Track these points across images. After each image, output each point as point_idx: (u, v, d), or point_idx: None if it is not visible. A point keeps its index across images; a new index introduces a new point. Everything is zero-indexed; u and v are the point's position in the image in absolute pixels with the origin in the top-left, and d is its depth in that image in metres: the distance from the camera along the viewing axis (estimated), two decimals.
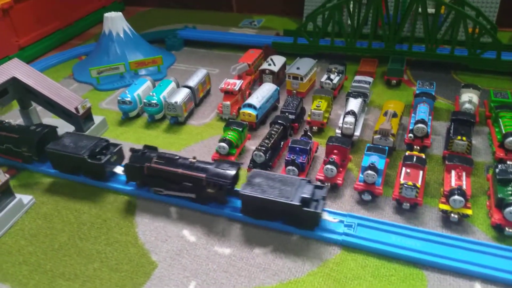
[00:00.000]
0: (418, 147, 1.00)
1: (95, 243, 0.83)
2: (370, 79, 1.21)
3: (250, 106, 1.12)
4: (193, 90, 1.22)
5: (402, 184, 0.83)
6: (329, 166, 0.89)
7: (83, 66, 1.51)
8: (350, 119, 1.02)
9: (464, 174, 0.85)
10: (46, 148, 0.96)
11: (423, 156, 0.89)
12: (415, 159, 0.87)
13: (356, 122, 1.03)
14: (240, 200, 0.84)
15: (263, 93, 1.16)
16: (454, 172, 0.86)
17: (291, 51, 1.48)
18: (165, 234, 0.85)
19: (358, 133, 1.04)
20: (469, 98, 1.08)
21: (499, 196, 0.80)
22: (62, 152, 0.95)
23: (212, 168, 0.86)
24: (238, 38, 1.65)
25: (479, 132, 1.08)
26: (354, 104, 1.07)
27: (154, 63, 1.43)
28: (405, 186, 0.83)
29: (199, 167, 0.86)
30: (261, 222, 0.84)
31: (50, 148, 0.96)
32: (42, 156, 1.01)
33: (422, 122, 0.98)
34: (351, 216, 0.83)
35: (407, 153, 0.91)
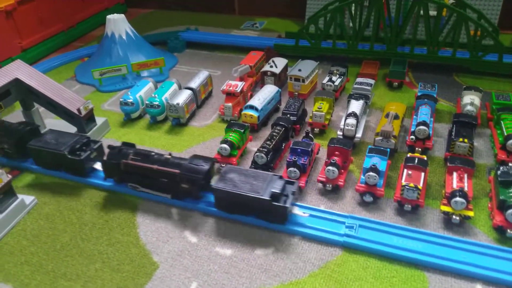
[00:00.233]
0: (420, 149, 1.00)
1: (97, 244, 0.84)
2: (371, 81, 1.21)
3: (252, 107, 1.12)
4: (195, 91, 1.22)
5: (404, 185, 0.83)
6: (330, 168, 0.89)
7: (86, 67, 1.51)
8: (352, 121, 1.02)
9: (465, 176, 0.85)
10: (28, 145, 0.99)
11: (425, 158, 0.89)
12: (417, 161, 0.87)
13: (357, 124, 1.03)
14: (213, 195, 0.86)
15: (265, 94, 1.16)
16: (455, 174, 0.86)
17: (293, 53, 1.48)
18: (166, 234, 0.85)
19: (359, 134, 1.04)
20: (471, 100, 1.08)
21: (501, 198, 0.80)
22: (43, 148, 0.97)
23: (186, 163, 0.87)
24: (240, 40, 1.65)
25: (481, 134, 1.08)
26: (356, 106, 1.08)
27: (156, 65, 1.44)
28: (406, 187, 0.83)
29: (174, 163, 0.88)
30: (234, 216, 0.86)
31: (32, 145, 0.98)
32: (24, 153, 1.02)
33: (423, 124, 0.98)
34: (353, 217, 0.83)
35: (409, 155, 0.91)
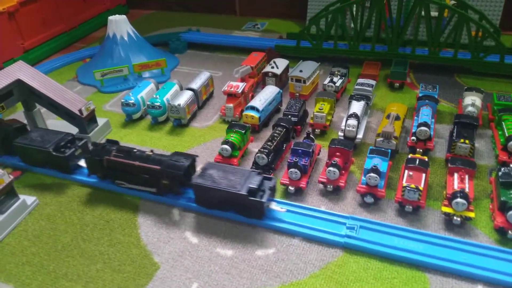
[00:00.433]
0: (421, 150, 1.00)
1: (98, 244, 0.84)
2: (373, 82, 1.21)
3: (253, 108, 1.12)
4: (196, 92, 1.22)
5: (405, 186, 0.83)
6: (331, 169, 0.89)
7: (87, 68, 1.52)
8: (353, 122, 1.02)
9: (467, 177, 0.85)
10: (14, 142, 1.00)
11: (426, 159, 0.89)
12: (418, 162, 0.87)
13: (358, 124, 1.03)
14: (192, 190, 0.87)
15: (266, 95, 1.16)
16: (457, 175, 0.86)
17: (294, 54, 1.48)
18: (167, 235, 0.85)
19: (360, 135, 1.04)
20: (472, 101, 1.08)
21: (502, 199, 0.79)
22: (29, 146, 0.99)
23: (167, 160, 0.89)
24: (241, 41, 1.65)
25: (482, 135, 1.08)
26: (357, 107, 1.08)
27: (157, 66, 1.44)
28: (407, 188, 0.83)
29: (155, 159, 0.89)
30: (214, 212, 0.88)
31: (18, 142, 1.00)
32: (10, 150, 1.04)
33: (425, 125, 0.98)
34: (354, 218, 0.83)
35: (410, 155, 0.91)
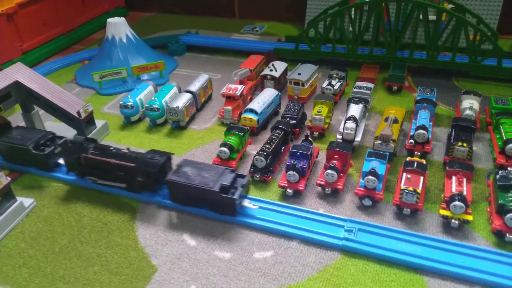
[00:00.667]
0: (419, 153, 1.00)
1: (96, 247, 0.84)
2: (371, 85, 1.21)
3: (252, 111, 1.12)
4: (194, 95, 1.23)
5: (403, 189, 0.83)
6: (329, 171, 0.89)
7: (86, 70, 1.52)
8: (351, 125, 1.02)
9: (464, 180, 0.86)
10: None
11: (424, 162, 0.89)
12: (416, 165, 0.87)
13: (357, 127, 1.03)
14: (167, 187, 0.89)
15: (265, 98, 1.17)
16: (454, 178, 0.86)
17: (293, 57, 1.49)
18: (165, 238, 0.85)
19: (359, 138, 1.04)
20: (470, 104, 1.09)
21: (500, 202, 0.80)
22: (9, 143, 1.00)
23: (142, 157, 0.90)
24: (240, 44, 1.65)
25: (480, 138, 1.09)
26: (355, 109, 1.08)
27: (156, 68, 1.44)
28: (405, 191, 0.83)
29: (131, 157, 0.91)
30: (189, 208, 0.89)
31: None
32: None
33: (423, 128, 0.98)
34: (352, 221, 0.83)
35: (408, 158, 0.91)
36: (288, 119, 1.09)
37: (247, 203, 0.89)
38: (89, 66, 1.54)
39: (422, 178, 0.86)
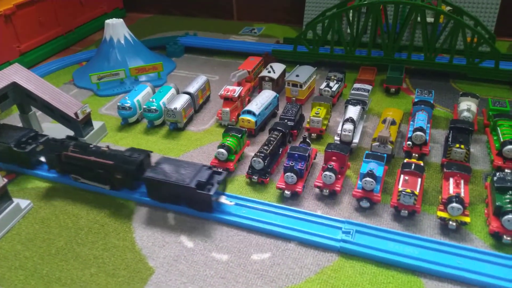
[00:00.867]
0: (417, 155, 1.00)
1: (92, 248, 0.83)
2: (369, 87, 1.21)
3: (250, 112, 1.12)
4: (192, 96, 1.22)
5: (401, 191, 0.83)
6: (327, 173, 0.89)
7: (84, 71, 1.51)
8: (349, 126, 1.02)
9: (462, 182, 0.86)
10: None
11: (422, 163, 0.89)
12: (414, 167, 0.87)
13: (354, 129, 1.03)
14: (144, 184, 0.90)
15: (263, 100, 1.17)
16: (452, 179, 0.86)
17: (291, 59, 1.49)
18: (162, 239, 0.84)
19: (356, 140, 1.04)
20: (467, 106, 1.09)
21: (497, 204, 0.80)
22: None
23: (121, 155, 0.92)
24: (238, 45, 1.65)
25: (478, 140, 1.09)
26: (353, 111, 1.08)
27: (154, 70, 1.44)
28: (403, 193, 0.83)
29: (110, 155, 0.92)
30: (167, 205, 0.90)
31: None
32: None
33: (420, 130, 0.98)
34: (349, 223, 0.83)
35: (406, 160, 0.91)
36: (286, 121, 1.09)
37: (224, 200, 0.89)
38: (87, 67, 1.54)
39: (419, 179, 0.86)
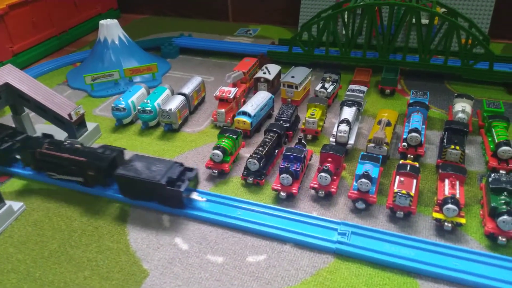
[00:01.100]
0: (412, 156, 1.00)
1: (86, 251, 0.82)
2: (364, 88, 1.21)
3: (245, 113, 1.12)
4: (187, 97, 1.22)
5: (396, 192, 0.83)
6: (323, 174, 0.88)
7: (78, 72, 1.50)
8: (344, 128, 1.02)
9: (457, 183, 0.86)
10: None
11: (417, 164, 0.89)
12: (409, 168, 0.88)
13: (350, 130, 1.03)
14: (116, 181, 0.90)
15: (258, 101, 1.16)
16: (447, 181, 0.86)
17: (286, 60, 1.49)
18: (157, 242, 0.84)
19: (352, 141, 1.04)
20: (462, 107, 1.09)
21: (492, 205, 0.80)
22: None
23: (94, 152, 0.93)
24: (234, 46, 1.65)
25: (472, 141, 1.09)
26: (348, 112, 1.08)
27: (149, 71, 1.43)
28: (398, 194, 0.83)
29: (84, 152, 0.93)
30: (139, 202, 0.91)
31: None
32: None
33: (415, 131, 0.98)
34: (345, 224, 0.83)
35: (401, 161, 0.91)
36: (281, 122, 1.09)
37: (196, 196, 0.89)
38: (81, 68, 1.53)
39: (415, 181, 0.86)
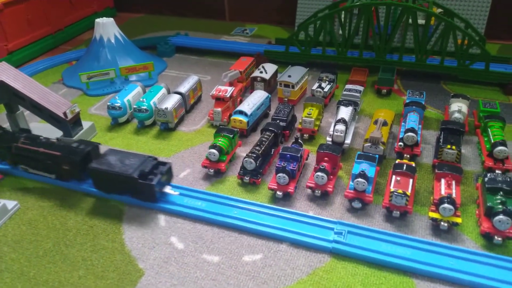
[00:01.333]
0: (408, 156, 1.00)
1: (81, 250, 0.82)
2: (360, 88, 1.21)
3: (241, 113, 1.11)
4: (184, 96, 1.21)
5: (392, 192, 0.83)
6: (319, 174, 0.88)
7: (73, 71, 1.49)
8: (341, 127, 1.02)
9: (453, 182, 0.86)
10: None
11: (413, 164, 0.89)
12: (405, 167, 0.88)
13: (346, 130, 1.03)
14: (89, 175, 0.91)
15: (255, 100, 1.16)
16: (443, 180, 0.86)
17: (283, 59, 1.48)
18: (152, 241, 0.83)
19: (348, 141, 1.04)
20: (458, 107, 1.09)
21: (488, 204, 0.80)
22: None
23: (68, 146, 0.94)
24: (230, 45, 1.65)
25: (468, 141, 1.09)
26: (345, 112, 1.08)
27: (145, 69, 1.43)
28: (395, 194, 0.83)
29: (59, 146, 0.94)
30: (113, 196, 0.92)
31: None
32: None
33: (412, 131, 0.98)
34: (341, 223, 0.83)
35: (397, 161, 0.91)
36: (278, 121, 1.08)
37: (169, 190, 0.90)
38: (76, 66, 1.52)
39: (411, 180, 0.86)
